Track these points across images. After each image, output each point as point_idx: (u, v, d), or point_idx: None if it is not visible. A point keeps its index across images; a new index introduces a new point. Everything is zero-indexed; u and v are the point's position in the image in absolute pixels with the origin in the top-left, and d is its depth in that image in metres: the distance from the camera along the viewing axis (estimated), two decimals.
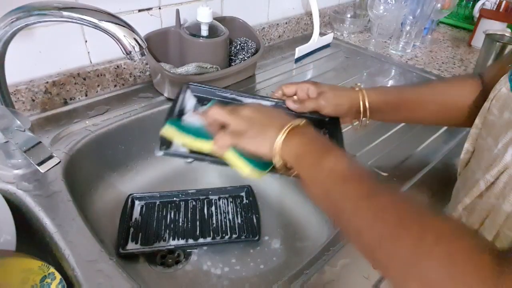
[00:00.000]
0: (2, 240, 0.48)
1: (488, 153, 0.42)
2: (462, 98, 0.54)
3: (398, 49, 1.10)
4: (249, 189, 0.71)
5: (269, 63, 0.97)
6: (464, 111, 0.54)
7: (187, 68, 0.75)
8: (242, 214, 0.68)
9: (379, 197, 0.33)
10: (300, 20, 1.14)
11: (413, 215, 0.31)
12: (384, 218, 0.31)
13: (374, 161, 0.65)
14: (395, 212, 0.31)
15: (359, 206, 0.33)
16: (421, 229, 0.28)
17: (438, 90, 0.56)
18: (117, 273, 0.44)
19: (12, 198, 0.53)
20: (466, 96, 0.54)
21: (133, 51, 0.45)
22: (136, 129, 0.72)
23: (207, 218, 0.67)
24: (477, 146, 0.47)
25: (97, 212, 0.65)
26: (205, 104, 0.54)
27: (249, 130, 0.41)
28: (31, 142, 0.48)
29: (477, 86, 0.54)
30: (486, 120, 0.45)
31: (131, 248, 0.60)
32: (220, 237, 0.63)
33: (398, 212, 0.31)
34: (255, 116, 0.43)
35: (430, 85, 0.59)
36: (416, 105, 0.55)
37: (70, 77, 0.70)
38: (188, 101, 0.54)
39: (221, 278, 0.58)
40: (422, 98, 0.56)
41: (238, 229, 0.65)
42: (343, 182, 0.35)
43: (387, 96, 0.54)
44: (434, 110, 0.56)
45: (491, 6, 1.22)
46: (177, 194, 0.70)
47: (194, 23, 0.78)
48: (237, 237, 0.63)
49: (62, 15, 0.44)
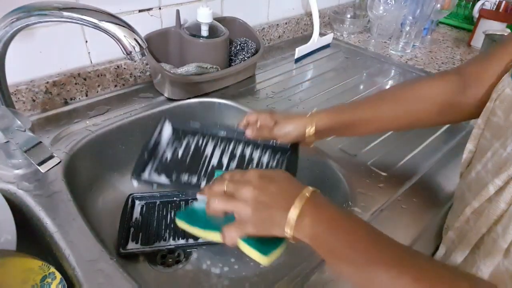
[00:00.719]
0: (2, 240, 0.48)
1: (495, 156, 0.41)
2: (429, 100, 0.54)
3: (398, 49, 1.10)
4: None
5: (269, 63, 0.97)
6: (434, 112, 0.53)
7: (187, 68, 0.75)
8: None
9: (412, 262, 0.34)
10: (300, 20, 1.14)
11: (445, 278, 0.33)
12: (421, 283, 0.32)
13: (374, 161, 0.65)
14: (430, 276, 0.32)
15: (395, 276, 0.33)
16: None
17: (399, 99, 0.56)
18: (118, 272, 0.44)
19: (13, 198, 0.54)
20: (433, 97, 0.53)
21: (133, 51, 0.45)
22: (136, 129, 0.72)
23: None
24: (479, 147, 0.47)
25: (97, 212, 0.65)
26: (180, 137, 0.61)
27: (254, 215, 0.39)
28: (32, 142, 0.48)
29: (445, 84, 0.53)
30: (489, 121, 0.45)
31: (132, 248, 0.60)
32: None
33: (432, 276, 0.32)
34: (257, 196, 0.39)
35: (391, 95, 0.57)
36: (372, 120, 0.56)
37: (70, 77, 0.70)
38: (165, 132, 0.60)
39: (221, 277, 0.58)
40: (377, 115, 0.56)
41: None
42: (372, 254, 0.35)
43: (341, 117, 0.56)
44: (398, 118, 0.56)
45: (490, 7, 1.22)
46: (177, 194, 0.70)
47: (194, 23, 0.78)
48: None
49: (63, 16, 0.44)
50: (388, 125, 0.59)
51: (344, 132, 0.58)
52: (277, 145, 0.59)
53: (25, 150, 0.47)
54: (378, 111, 0.56)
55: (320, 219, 0.38)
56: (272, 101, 0.80)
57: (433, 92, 0.54)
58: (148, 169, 0.54)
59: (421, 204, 0.58)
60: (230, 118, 0.80)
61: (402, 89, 0.57)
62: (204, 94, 0.80)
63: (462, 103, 0.52)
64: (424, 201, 0.59)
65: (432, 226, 0.55)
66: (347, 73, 0.96)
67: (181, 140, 0.60)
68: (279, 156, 0.59)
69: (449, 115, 0.54)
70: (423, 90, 0.54)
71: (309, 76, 0.95)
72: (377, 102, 0.57)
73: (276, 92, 0.84)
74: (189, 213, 0.46)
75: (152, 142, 0.57)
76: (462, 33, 1.31)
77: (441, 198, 0.59)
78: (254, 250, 0.40)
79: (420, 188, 0.61)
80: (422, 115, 0.55)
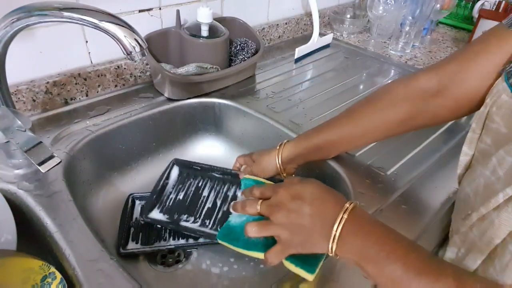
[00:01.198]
0: (3, 240, 0.48)
1: (504, 163, 0.40)
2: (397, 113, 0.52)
3: (398, 49, 1.10)
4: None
5: (269, 64, 0.97)
6: (408, 117, 0.52)
7: (187, 68, 0.75)
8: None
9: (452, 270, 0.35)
10: (300, 20, 1.14)
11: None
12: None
13: (374, 161, 0.65)
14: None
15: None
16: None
17: (367, 111, 0.55)
18: (118, 272, 0.44)
19: (13, 198, 0.54)
20: (408, 100, 0.52)
21: (133, 51, 0.45)
22: (136, 129, 0.72)
23: None
24: (479, 151, 0.46)
25: (97, 212, 0.65)
26: (187, 176, 0.70)
27: (295, 238, 0.40)
28: (32, 142, 0.48)
29: (420, 85, 0.51)
30: (487, 127, 0.44)
31: (132, 248, 0.60)
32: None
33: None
34: (294, 220, 0.40)
35: (359, 107, 0.56)
36: (338, 142, 0.57)
37: (70, 77, 0.70)
38: (172, 175, 0.69)
39: (221, 277, 0.58)
40: (342, 135, 0.56)
41: None
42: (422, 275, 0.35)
43: (306, 143, 0.57)
44: (368, 132, 0.55)
45: (490, 7, 1.22)
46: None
47: (194, 23, 0.78)
48: None
49: (63, 16, 0.44)
50: (356, 143, 0.59)
51: (315, 156, 0.59)
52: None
53: (26, 150, 0.47)
54: (343, 130, 0.56)
55: (363, 234, 0.38)
56: (272, 101, 0.80)
57: (408, 95, 0.52)
58: (155, 210, 0.63)
59: (421, 204, 0.58)
60: (230, 118, 0.80)
61: (373, 99, 0.56)
62: (204, 94, 0.80)
63: (438, 105, 0.50)
64: (424, 201, 0.59)
65: (432, 226, 0.55)
66: (347, 73, 0.96)
67: (185, 182, 0.69)
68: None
69: (424, 119, 0.52)
70: (395, 94, 0.53)
71: (309, 76, 0.95)
72: (342, 122, 0.56)
73: (276, 92, 0.84)
74: (228, 231, 0.48)
75: (160, 185, 0.66)
76: (461, 33, 1.31)
77: (441, 198, 0.59)
78: (300, 269, 0.41)
79: (420, 188, 0.61)
80: (394, 123, 0.53)
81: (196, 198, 0.66)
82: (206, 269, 0.60)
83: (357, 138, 0.57)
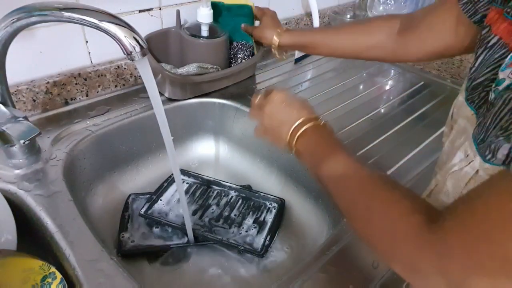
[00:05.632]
0: (3, 240, 0.48)
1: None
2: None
3: None
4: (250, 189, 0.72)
5: (269, 64, 0.97)
6: (382, 45, 0.60)
7: (187, 68, 0.75)
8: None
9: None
10: (300, 20, 1.14)
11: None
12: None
13: (374, 161, 0.65)
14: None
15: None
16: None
17: (353, 31, 0.65)
18: (118, 272, 0.44)
19: (13, 198, 0.54)
20: (383, 30, 0.60)
21: (133, 51, 0.45)
22: (136, 129, 0.72)
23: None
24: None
25: (97, 212, 0.65)
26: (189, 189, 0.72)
27: (270, 126, 0.50)
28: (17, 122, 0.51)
29: (395, 21, 0.59)
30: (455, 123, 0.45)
31: (132, 248, 0.60)
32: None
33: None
34: (273, 113, 0.50)
35: (348, 27, 0.69)
36: (328, 44, 0.68)
37: (71, 77, 0.70)
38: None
39: (221, 277, 0.58)
40: (332, 41, 0.67)
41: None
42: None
43: (302, 38, 0.71)
44: (351, 46, 0.65)
45: None
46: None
47: (195, 23, 0.78)
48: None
49: (63, 16, 0.44)
50: (333, 53, 0.70)
51: (305, 50, 0.76)
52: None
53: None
54: (325, 40, 0.68)
55: (310, 144, 0.46)
56: None
57: (383, 26, 0.61)
58: (154, 208, 0.66)
59: None
60: (230, 118, 0.80)
61: (357, 23, 0.74)
62: (204, 94, 0.80)
63: (408, 40, 0.57)
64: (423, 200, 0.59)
65: None
66: (346, 73, 0.96)
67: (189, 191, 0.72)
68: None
69: (391, 49, 0.59)
70: (374, 25, 0.63)
71: (308, 76, 0.95)
72: (328, 32, 0.69)
73: None
74: None
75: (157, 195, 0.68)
76: None
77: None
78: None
79: (420, 188, 0.61)
80: (363, 47, 0.63)
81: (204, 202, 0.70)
82: (206, 269, 0.60)
83: (332, 49, 0.68)
